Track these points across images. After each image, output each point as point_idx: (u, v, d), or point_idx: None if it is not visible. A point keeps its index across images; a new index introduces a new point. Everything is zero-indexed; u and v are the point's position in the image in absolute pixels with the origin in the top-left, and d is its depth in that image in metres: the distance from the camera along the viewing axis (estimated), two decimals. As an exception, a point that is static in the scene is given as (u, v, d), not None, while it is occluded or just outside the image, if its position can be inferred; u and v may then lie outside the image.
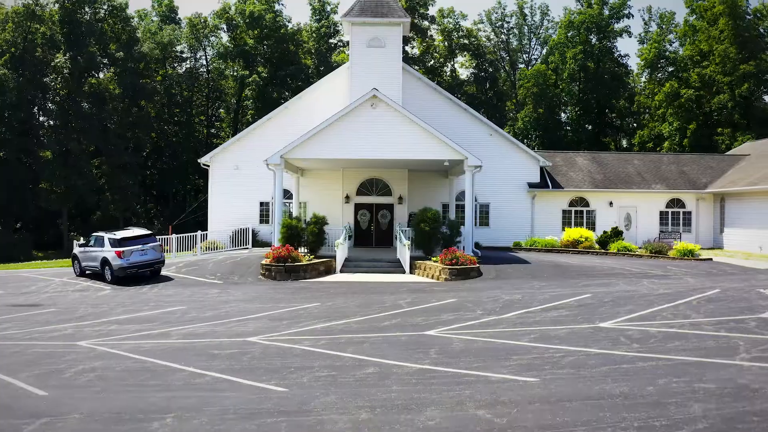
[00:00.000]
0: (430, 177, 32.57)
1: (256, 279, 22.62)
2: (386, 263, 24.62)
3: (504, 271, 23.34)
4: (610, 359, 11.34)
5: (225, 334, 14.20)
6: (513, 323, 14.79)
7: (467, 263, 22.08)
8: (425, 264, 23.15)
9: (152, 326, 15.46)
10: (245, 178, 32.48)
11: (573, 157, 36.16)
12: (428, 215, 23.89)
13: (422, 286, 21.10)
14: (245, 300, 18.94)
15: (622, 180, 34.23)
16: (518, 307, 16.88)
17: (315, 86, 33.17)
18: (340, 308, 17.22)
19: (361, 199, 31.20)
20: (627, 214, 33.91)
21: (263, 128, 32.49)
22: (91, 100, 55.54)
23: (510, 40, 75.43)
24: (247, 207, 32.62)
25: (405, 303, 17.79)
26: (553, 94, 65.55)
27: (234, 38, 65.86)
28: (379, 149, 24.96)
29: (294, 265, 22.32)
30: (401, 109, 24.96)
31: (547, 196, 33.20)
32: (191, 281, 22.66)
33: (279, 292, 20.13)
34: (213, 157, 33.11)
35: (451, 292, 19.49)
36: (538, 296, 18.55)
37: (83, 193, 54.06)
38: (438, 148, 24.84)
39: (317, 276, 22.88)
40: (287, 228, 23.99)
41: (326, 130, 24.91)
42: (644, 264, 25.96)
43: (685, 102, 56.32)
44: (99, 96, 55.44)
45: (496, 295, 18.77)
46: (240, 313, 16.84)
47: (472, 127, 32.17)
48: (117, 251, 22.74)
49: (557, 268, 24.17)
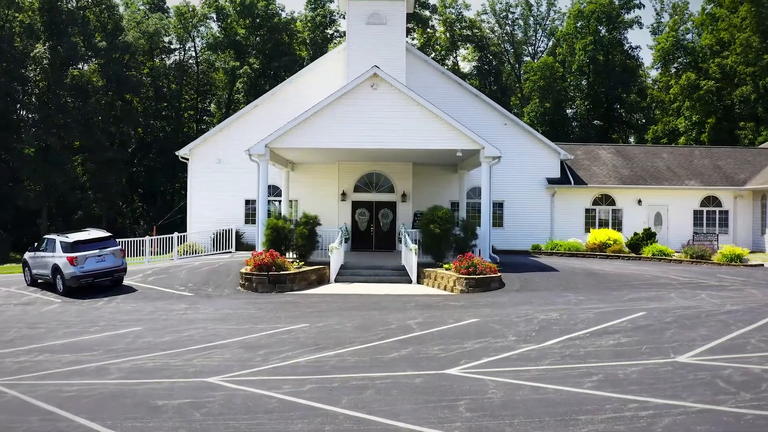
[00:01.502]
0: (437, 172, 28.98)
1: (233, 291, 18.98)
2: (389, 271, 21.02)
3: (530, 280, 19.72)
4: (721, 421, 7.76)
5: (180, 372, 10.59)
6: (560, 355, 11.20)
7: (487, 272, 18.48)
8: (436, 272, 19.54)
9: (92, 357, 11.88)
10: (229, 173, 28.88)
11: (595, 150, 32.56)
12: (439, 214, 20.28)
13: (434, 300, 17.48)
14: (216, 319, 15.33)
15: (652, 175, 30.65)
16: (559, 330, 13.29)
17: (307, 69, 29.54)
18: (334, 331, 13.61)
19: (359, 196, 27.58)
20: (657, 214, 30.32)
21: (249, 117, 28.87)
22: (74, 93, 52.57)
23: (515, 32, 72.09)
24: (232, 205, 29.01)
25: (415, 324, 14.19)
26: (561, 87, 62.19)
27: (224, 28, 62.44)
28: (381, 138, 21.38)
29: (279, 275, 18.67)
30: (407, 90, 21.36)
31: (568, 193, 29.60)
32: (157, 293, 19.03)
33: (259, 308, 16.51)
34: (193, 149, 29.47)
35: (470, 309, 15.89)
36: (579, 314, 14.96)
37: (64, 192, 51.44)
38: (450, 136, 21.26)
39: (307, 287, 19.26)
40: (272, 229, 20.39)
41: (319, 115, 21.31)
42: (688, 271, 22.40)
43: (705, 94, 52.74)
44: (82, 89, 52.39)
45: (527, 313, 15.18)
46: (207, 337, 13.25)
47: (485, 116, 28.55)
48: (69, 257, 19.10)
49: (591, 276, 20.58)
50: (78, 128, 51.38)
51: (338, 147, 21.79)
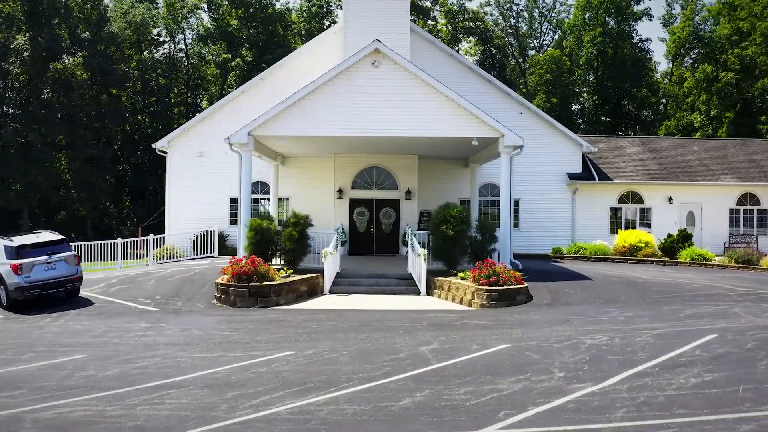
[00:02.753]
0: (445, 166, 25.93)
1: (207, 305, 15.86)
2: (393, 280, 17.93)
3: (561, 292, 16.62)
4: None
5: (113, 428, 7.54)
6: (633, 403, 8.12)
7: (511, 282, 15.40)
8: (449, 282, 16.45)
9: (9, 399, 8.89)
10: (212, 168, 25.82)
11: (619, 143, 29.50)
12: (452, 213, 17.17)
13: (449, 317, 14.39)
14: (181, 343, 12.26)
15: (683, 170, 27.61)
16: (618, 362, 10.25)
17: (298, 53, 26.45)
18: (327, 362, 10.55)
19: (358, 193, 24.51)
20: (689, 213, 27.27)
21: (235, 105, 25.77)
22: (57, 87, 49.74)
23: (519, 25, 69.22)
24: (215, 204, 25.93)
25: (430, 351, 11.13)
26: (568, 81, 59.26)
27: (216, 19, 59.40)
28: (383, 125, 18.31)
29: (262, 286, 15.53)
30: (414, 68, 18.28)
31: (591, 190, 26.53)
32: (116, 308, 15.94)
33: (236, 329, 13.43)
34: (172, 141, 26.38)
35: (496, 330, 12.82)
36: (635, 338, 11.91)
37: (47, 191, 48.53)
38: (464, 122, 18.19)
39: (296, 300, 16.15)
40: (256, 231, 17.31)
41: (311, 98, 18.24)
42: (738, 278, 19.36)
43: (724, 87, 49.72)
44: (65, 82, 49.49)
45: (569, 336, 12.12)
46: (164, 370, 10.21)
47: (498, 104, 25.38)
48: (13, 265, 16.02)
49: (630, 286, 17.52)
50: (61, 124, 48.66)
51: (333, 135, 18.72)
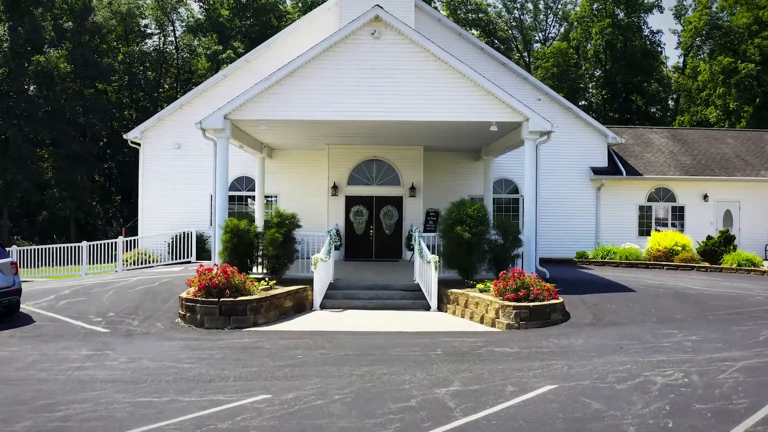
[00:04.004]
0: (454, 159, 23.05)
1: (170, 325, 12.88)
2: (397, 292, 14.98)
3: (602, 308, 13.66)
4: None
5: None
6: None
7: (544, 296, 12.47)
8: (466, 296, 13.50)
9: None
10: (192, 162, 22.91)
11: (645, 134, 26.60)
12: (469, 212, 14.21)
13: (470, 342, 11.41)
14: (124, 380, 9.33)
15: (719, 164, 24.72)
16: (710, 413, 7.39)
17: (289, 30, 23.45)
18: (312, 415, 7.63)
19: (355, 190, 21.58)
20: (726, 212, 24.37)
21: (217, 90, 22.81)
22: (38, 80, 47.14)
23: (523, 17, 66.54)
24: (195, 202, 23.00)
25: (451, 396, 8.23)
26: (576, 75, 56.54)
27: (207, 9, 56.52)
28: (386, 106, 15.38)
29: (237, 302, 12.51)
30: (421, 39, 15.34)
31: (617, 186, 23.61)
32: (59, 327, 12.97)
33: (198, 359, 10.47)
34: (145, 131, 23.42)
35: (534, 363, 9.90)
36: (716, 374, 9.02)
37: (27, 189, 45.69)
38: (481, 103, 15.27)
39: (279, 318, 13.19)
40: (232, 234, 14.37)
41: (298, 74, 15.31)
42: (801, 288, 16.48)
43: (743, 79, 46.90)
44: (47, 75, 46.81)
45: (629, 371, 9.22)
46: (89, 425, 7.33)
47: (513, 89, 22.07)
48: (-67, 275, 13.08)
49: (681, 299, 14.59)
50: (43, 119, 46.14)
51: (325, 119, 15.78)
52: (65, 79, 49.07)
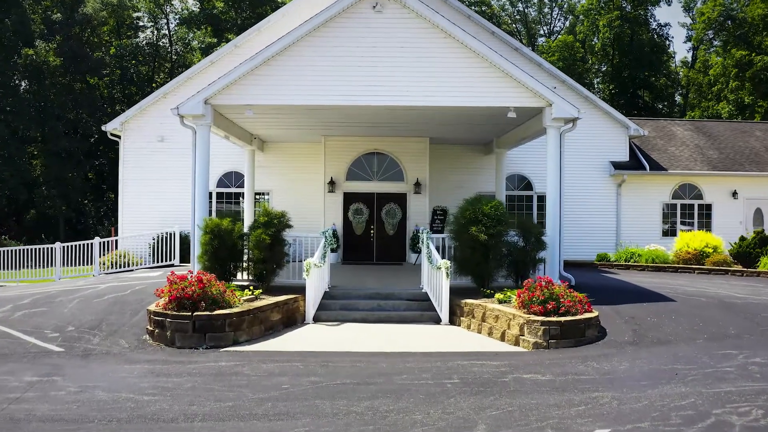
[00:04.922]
0: (462, 152, 21.18)
1: (135, 342, 10.96)
2: (402, 302, 13.08)
3: (641, 321, 11.73)
4: None
5: None
6: None
7: (576, 309, 10.59)
8: (484, 308, 11.59)
9: None
10: (177, 156, 21.04)
11: (668, 126, 24.70)
12: (485, 210, 12.29)
13: (493, 367, 9.49)
14: (67, 419, 7.44)
15: (748, 159, 22.85)
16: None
17: (282, 12, 21.51)
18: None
19: (354, 185, 19.69)
20: (757, 210, 22.49)
21: (203, 78, 20.87)
22: (26, 74, 45.54)
23: (528, 10, 64.72)
24: (179, 200, 21.06)
25: (477, 449, 6.37)
26: (582, 69, 54.73)
27: (201, 1, 54.66)
28: (389, 89, 13.48)
29: (213, 316, 10.56)
30: (429, 13, 13.42)
31: (640, 182, 21.72)
32: (8, 345, 11.06)
33: (162, 390, 8.53)
34: (126, 123, 21.55)
35: (574, 395, 8.00)
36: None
37: (14, 187, 44.17)
38: (498, 85, 13.38)
39: (265, 334, 11.30)
40: (213, 235, 12.48)
41: (288, 53, 13.41)
42: None
43: (759, 72, 45.03)
44: (36, 69, 45.15)
45: (695, 408, 7.34)
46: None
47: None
48: None
49: (729, 311, 12.69)
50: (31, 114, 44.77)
51: (319, 104, 13.88)
52: (54, 73, 47.49)
